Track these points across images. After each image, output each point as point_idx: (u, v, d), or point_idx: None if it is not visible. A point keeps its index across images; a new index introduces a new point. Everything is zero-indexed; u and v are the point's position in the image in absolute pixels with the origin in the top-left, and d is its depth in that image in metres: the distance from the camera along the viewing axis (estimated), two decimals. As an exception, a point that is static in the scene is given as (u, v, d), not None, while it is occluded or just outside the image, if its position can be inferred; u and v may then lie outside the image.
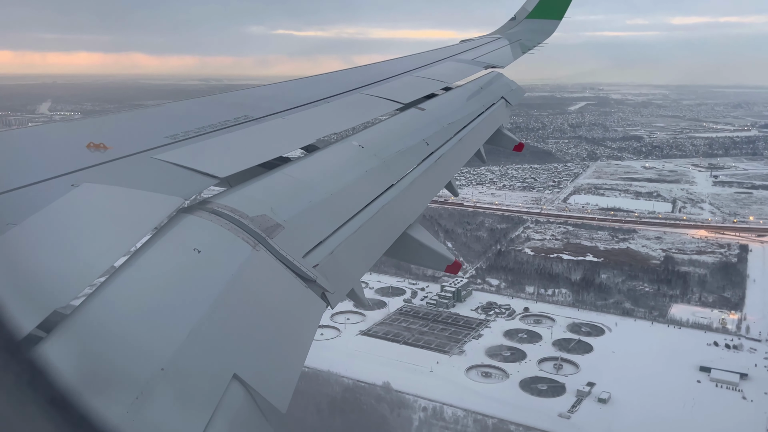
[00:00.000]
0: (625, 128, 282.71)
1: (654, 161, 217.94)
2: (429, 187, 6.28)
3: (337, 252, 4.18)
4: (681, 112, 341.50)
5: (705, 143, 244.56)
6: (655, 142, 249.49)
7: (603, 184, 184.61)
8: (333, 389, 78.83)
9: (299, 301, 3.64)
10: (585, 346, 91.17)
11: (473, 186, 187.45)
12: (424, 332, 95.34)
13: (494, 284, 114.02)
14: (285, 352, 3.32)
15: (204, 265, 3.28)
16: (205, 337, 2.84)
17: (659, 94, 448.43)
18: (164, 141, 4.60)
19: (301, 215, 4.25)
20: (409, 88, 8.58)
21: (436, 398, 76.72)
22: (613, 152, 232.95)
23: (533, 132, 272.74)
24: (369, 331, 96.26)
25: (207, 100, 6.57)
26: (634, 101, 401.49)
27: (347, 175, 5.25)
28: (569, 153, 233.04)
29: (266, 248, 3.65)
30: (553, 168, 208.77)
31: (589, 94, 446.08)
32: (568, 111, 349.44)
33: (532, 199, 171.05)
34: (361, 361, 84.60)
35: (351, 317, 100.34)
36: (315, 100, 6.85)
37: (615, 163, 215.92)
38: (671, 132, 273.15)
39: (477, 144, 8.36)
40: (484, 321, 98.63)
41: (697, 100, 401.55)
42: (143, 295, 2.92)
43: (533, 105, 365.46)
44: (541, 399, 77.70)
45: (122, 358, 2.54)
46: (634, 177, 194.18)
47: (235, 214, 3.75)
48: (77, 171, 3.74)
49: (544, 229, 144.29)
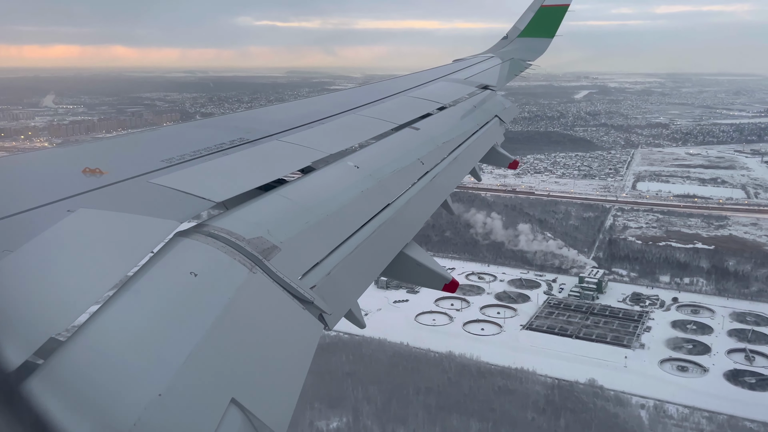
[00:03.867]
0: (644, 115, 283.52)
1: (693, 148, 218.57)
2: (425, 207, 6.21)
3: (334, 273, 4.13)
4: (686, 100, 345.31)
5: (733, 129, 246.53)
6: (684, 128, 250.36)
7: (662, 171, 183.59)
8: (538, 388, 74.92)
9: (297, 323, 3.58)
10: (761, 336, 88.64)
11: (531, 174, 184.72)
12: (587, 325, 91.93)
13: (623, 274, 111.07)
14: (283, 375, 3.26)
15: (201, 288, 3.26)
16: (202, 362, 2.82)
17: (655, 83, 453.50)
18: (160, 165, 4.57)
19: (297, 237, 4.19)
20: (404, 108, 8.61)
21: (649, 395, 73.34)
22: (648, 139, 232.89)
23: (554, 120, 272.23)
24: (531, 325, 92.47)
25: (202, 123, 6.70)
26: (633, 89, 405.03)
27: (343, 195, 5.15)
28: (605, 140, 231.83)
29: (263, 270, 3.60)
30: (599, 155, 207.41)
31: (586, 83, 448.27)
32: (574, 99, 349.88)
33: (600, 187, 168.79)
34: (544, 358, 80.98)
35: (502, 311, 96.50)
36: (310, 121, 6.84)
37: (657, 150, 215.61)
38: (691, 119, 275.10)
39: (472, 162, 8.34)
40: (643, 313, 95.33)
41: (694, 88, 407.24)
42: (140, 320, 2.89)
43: (538, 94, 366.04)
44: (756, 393, 74.73)
45: (119, 383, 2.51)
46: (686, 164, 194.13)
47: (232, 236, 3.72)
48: (73, 196, 3.74)
49: (635, 217, 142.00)
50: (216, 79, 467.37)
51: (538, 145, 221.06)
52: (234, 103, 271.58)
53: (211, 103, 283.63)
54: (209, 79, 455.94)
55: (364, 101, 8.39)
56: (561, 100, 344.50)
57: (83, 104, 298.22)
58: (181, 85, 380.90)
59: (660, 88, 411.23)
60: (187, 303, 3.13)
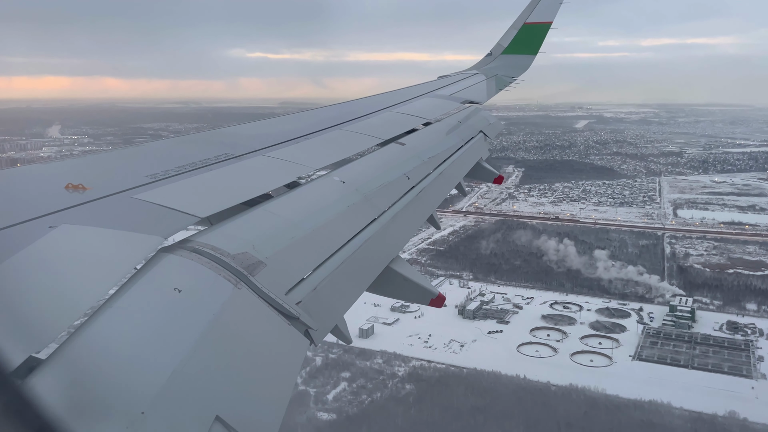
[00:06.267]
0: (653, 144, 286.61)
1: (716, 176, 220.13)
2: (411, 221, 6.18)
3: (320, 288, 4.09)
4: (686, 129, 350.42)
5: (747, 158, 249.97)
6: (698, 157, 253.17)
7: (696, 199, 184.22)
8: (682, 422, 72.32)
9: (282, 339, 3.55)
10: None
11: (567, 202, 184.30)
12: (697, 355, 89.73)
13: (706, 302, 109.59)
14: (269, 392, 3.22)
15: (185, 304, 3.22)
16: (186, 379, 2.78)
17: (649, 113, 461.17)
18: (144, 180, 4.51)
19: (283, 252, 4.13)
20: (389, 123, 8.60)
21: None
22: (667, 167, 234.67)
23: (566, 149, 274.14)
24: (640, 356, 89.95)
25: (186, 139, 6.54)
26: (630, 119, 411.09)
27: (329, 210, 5.11)
28: (625, 169, 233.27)
29: (248, 286, 3.56)
30: (626, 183, 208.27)
31: (582, 113, 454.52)
32: (576, 129, 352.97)
33: (642, 215, 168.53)
34: (670, 389, 78.55)
35: (603, 342, 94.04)
36: (296, 136, 6.78)
37: (681, 178, 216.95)
38: (700, 148, 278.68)
39: (457, 177, 8.36)
40: (748, 342, 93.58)
41: (690, 118, 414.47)
42: (123, 337, 2.84)
43: (539, 124, 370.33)
44: None
45: (101, 402, 2.46)
46: (716, 191, 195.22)
47: (216, 252, 3.67)
48: (55, 212, 3.67)
49: (692, 245, 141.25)
50: (211, 110, 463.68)
51: (561, 173, 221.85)
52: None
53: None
54: (205, 110, 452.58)
55: (350, 117, 8.32)
56: (564, 129, 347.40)
57: (87, 135, 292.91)
58: (179, 116, 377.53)
59: (656, 118, 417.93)
60: (171, 319, 3.05)
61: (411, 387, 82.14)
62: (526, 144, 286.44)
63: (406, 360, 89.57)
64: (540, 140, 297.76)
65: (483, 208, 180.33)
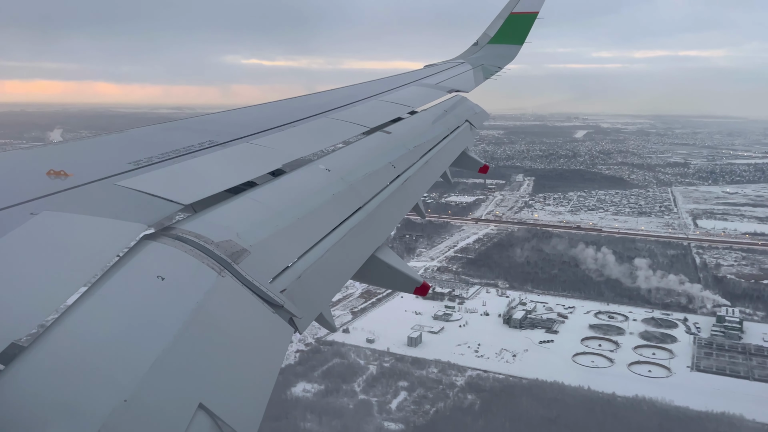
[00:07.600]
0: (656, 155, 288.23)
1: (727, 187, 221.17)
2: (396, 210, 6.18)
3: (304, 276, 4.09)
4: (685, 140, 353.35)
5: (753, 169, 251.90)
6: (704, 168, 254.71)
7: (712, 210, 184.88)
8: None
9: (266, 327, 3.54)
10: None
11: (585, 212, 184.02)
12: (755, 366, 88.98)
13: (749, 312, 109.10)
14: (252, 380, 3.21)
15: (168, 292, 3.20)
16: (169, 366, 2.77)
17: (646, 123, 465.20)
18: (127, 167, 4.46)
19: (267, 240, 4.10)
20: (375, 112, 8.53)
21: None
22: (676, 178, 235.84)
23: (571, 159, 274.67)
24: (698, 366, 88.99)
25: (170, 126, 6.38)
26: (627, 130, 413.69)
27: (314, 198, 5.09)
28: (635, 179, 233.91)
29: (232, 274, 3.54)
30: (638, 193, 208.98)
31: (579, 123, 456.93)
32: (575, 139, 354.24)
33: (662, 225, 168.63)
34: (738, 401, 77.86)
35: (657, 352, 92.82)
36: (281, 124, 6.70)
37: (693, 189, 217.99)
38: (704, 159, 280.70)
39: (443, 166, 8.37)
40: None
41: (687, 130, 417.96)
42: (105, 325, 2.84)
43: (538, 133, 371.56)
44: None
45: (83, 389, 2.46)
46: (730, 202, 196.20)
47: (200, 239, 3.64)
48: (36, 199, 3.63)
49: (720, 255, 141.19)
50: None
51: (573, 182, 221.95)
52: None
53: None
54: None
55: (336, 104, 8.25)
56: (564, 139, 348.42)
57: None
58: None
59: (653, 129, 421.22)
60: (154, 307, 3.05)
61: (473, 397, 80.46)
62: (530, 153, 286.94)
63: (461, 369, 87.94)
64: (543, 149, 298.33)
65: (502, 216, 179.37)
